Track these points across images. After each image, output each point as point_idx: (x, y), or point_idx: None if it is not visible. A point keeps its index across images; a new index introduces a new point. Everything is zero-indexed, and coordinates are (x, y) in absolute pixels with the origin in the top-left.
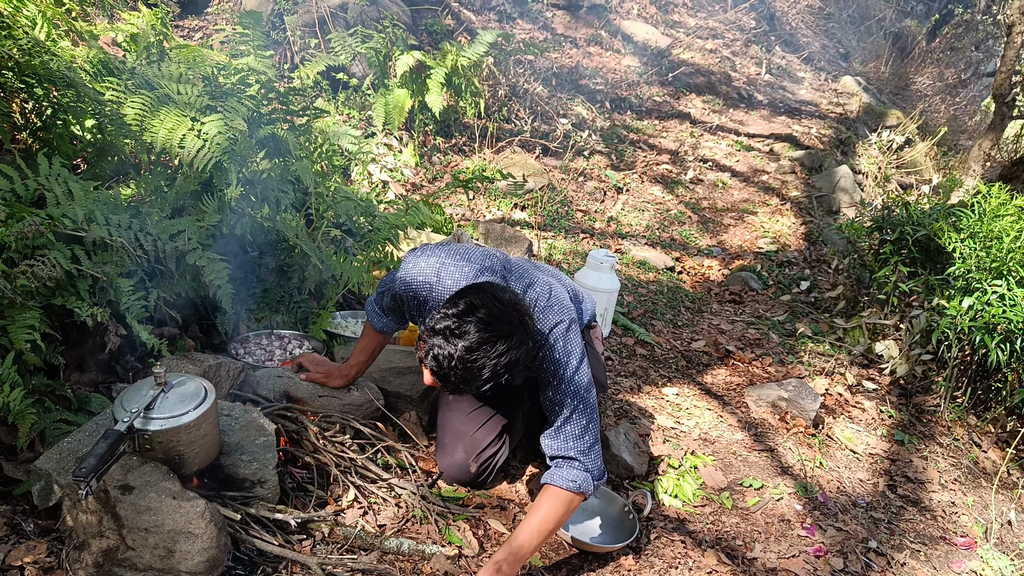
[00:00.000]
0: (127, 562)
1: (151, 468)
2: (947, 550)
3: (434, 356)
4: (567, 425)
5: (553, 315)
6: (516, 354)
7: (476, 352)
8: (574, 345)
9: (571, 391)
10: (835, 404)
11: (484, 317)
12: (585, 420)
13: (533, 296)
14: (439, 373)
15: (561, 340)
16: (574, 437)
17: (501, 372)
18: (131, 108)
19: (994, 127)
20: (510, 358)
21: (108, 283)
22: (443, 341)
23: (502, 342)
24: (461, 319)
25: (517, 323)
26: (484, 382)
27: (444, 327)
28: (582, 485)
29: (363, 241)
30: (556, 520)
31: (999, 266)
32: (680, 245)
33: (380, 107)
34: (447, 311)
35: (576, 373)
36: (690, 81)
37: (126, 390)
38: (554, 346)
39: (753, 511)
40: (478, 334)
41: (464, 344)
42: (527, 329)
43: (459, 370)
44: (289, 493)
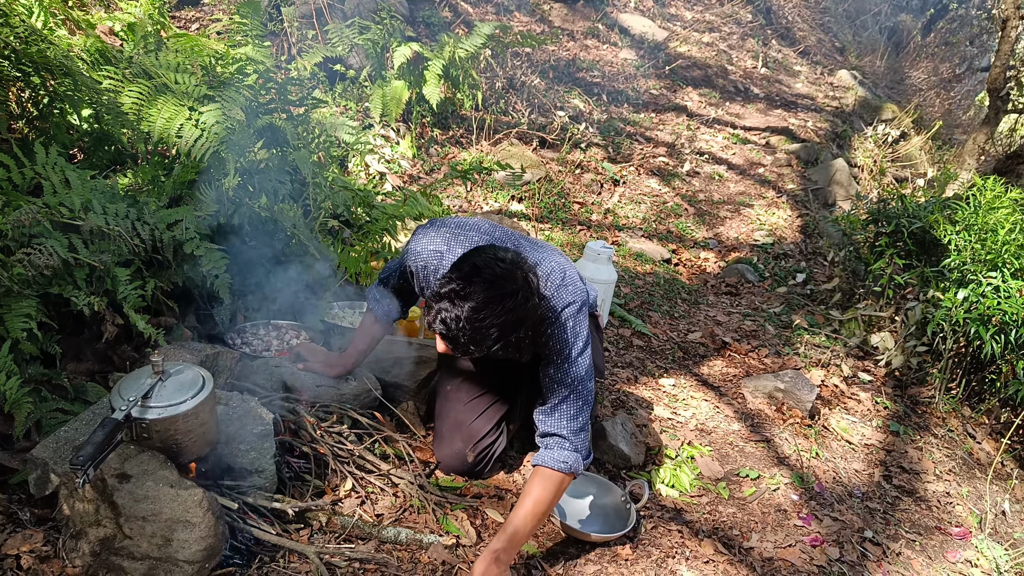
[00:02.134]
0: (124, 551)
1: (148, 457)
2: (942, 540)
3: (442, 320)
4: (563, 405)
5: (567, 295)
6: (522, 311)
7: (482, 312)
8: (582, 328)
9: (572, 373)
10: (831, 395)
11: (488, 277)
12: (580, 402)
13: (546, 271)
14: (448, 336)
15: (571, 321)
16: (568, 417)
17: (509, 330)
18: (128, 97)
19: (988, 121)
20: (516, 315)
21: (105, 272)
22: (449, 304)
23: (508, 300)
24: (466, 281)
25: (521, 281)
26: (494, 341)
27: (449, 290)
28: (572, 465)
29: (360, 232)
30: (549, 502)
31: (994, 258)
32: (677, 237)
33: (377, 98)
34: (451, 275)
35: (580, 356)
36: (687, 74)
37: (124, 379)
38: (564, 325)
39: (750, 501)
40: (483, 294)
41: (470, 305)
42: (531, 287)
43: (467, 331)
44: (287, 482)
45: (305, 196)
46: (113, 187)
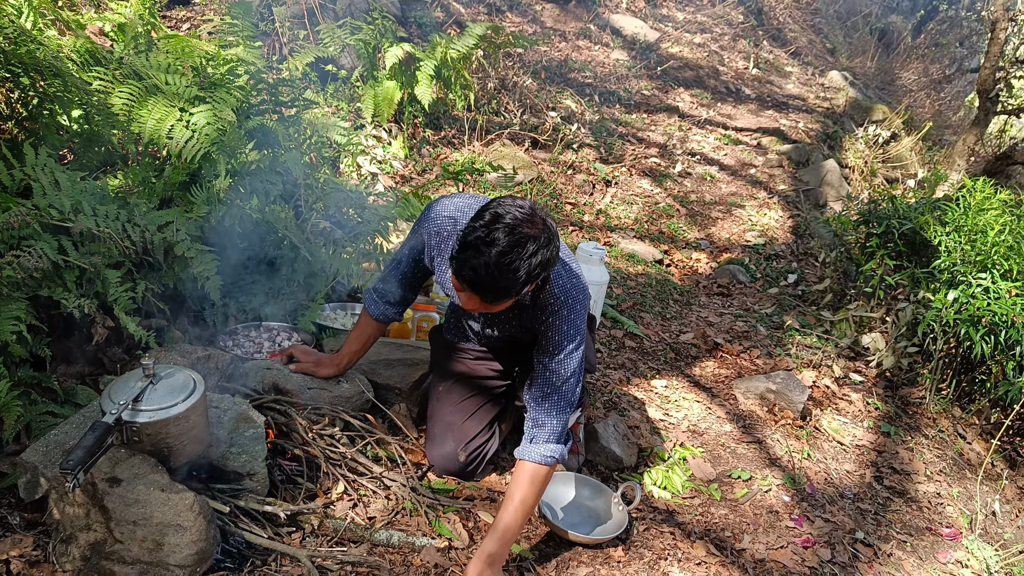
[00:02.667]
0: (115, 555)
1: (139, 460)
2: (933, 540)
3: (471, 267)
4: (555, 396)
5: (572, 288)
6: (546, 253)
7: (509, 255)
8: (583, 322)
9: (566, 366)
10: (822, 396)
11: (511, 223)
12: (571, 396)
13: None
14: (477, 283)
15: (573, 313)
16: (558, 409)
17: (535, 273)
18: (119, 98)
19: (978, 122)
20: (541, 257)
21: (95, 274)
22: (475, 252)
23: (531, 243)
24: (489, 228)
25: (541, 224)
26: (521, 285)
27: (475, 238)
28: (557, 457)
29: (352, 233)
30: (537, 495)
31: (984, 259)
32: (669, 238)
33: (369, 99)
34: (474, 224)
35: (577, 350)
36: (678, 75)
37: (114, 382)
38: (567, 317)
39: (742, 502)
40: (507, 238)
41: (497, 250)
42: (551, 230)
43: (496, 275)
44: (278, 485)
45: (296, 197)
46: (103, 188)
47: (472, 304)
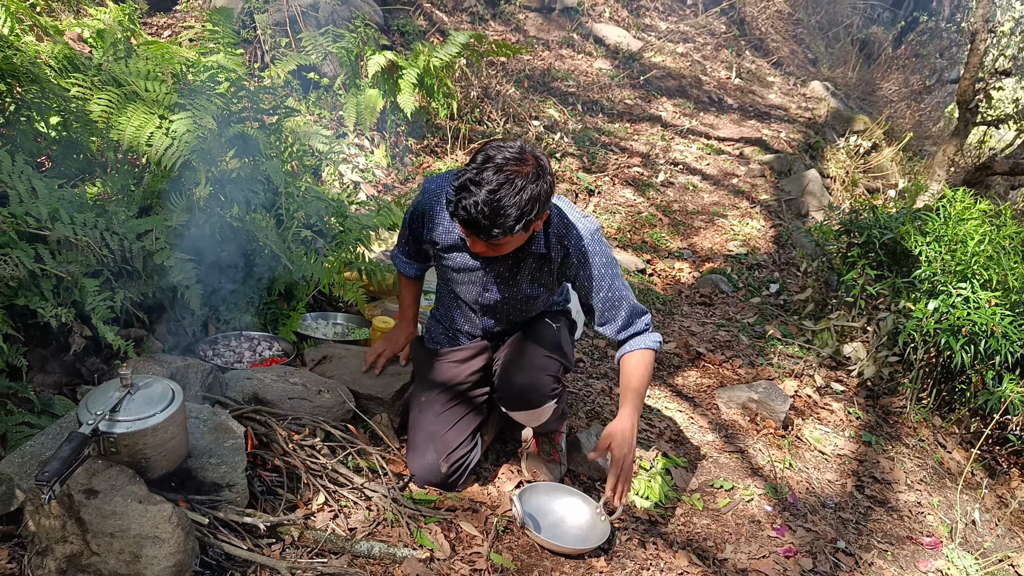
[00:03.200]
0: (91, 567)
1: (117, 472)
2: (913, 550)
3: (463, 207)
4: (622, 312)
5: (589, 222)
6: (535, 189)
7: (498, 192)
8: (608, 248)
9: (618, 286)
10: (804, 406)
11: (500, 162)
12: (633, 302)
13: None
14: (469, 221)
15: (602, 244)
16: (639, 314)
17: (527, 208)
18: (97, 105)
19: (958, 133)
20: (530, 193)
21: (73, 283)
22: (466, 193)
23: (520, 179)
24: (480, 168)
25: (532, 162)
26: (515, 221)
27: (466, 179)
28: (660, 343)
29: (334, 242)
30: (650, 375)
31: (963, 269)
32: (651, 248)
33: (351, 107)
34: (467, 166)
35: (617, 270)
36: (661, 84)
37: (91, 392)
38: (601, 251)
39: (724, 512)
40: (496, 176)
41: (487, 188)
42: (542, 166)
43: (487, 212)
44: (258, 496)
45: (278, 206)
46: (81, 196)
47: (479, 248)
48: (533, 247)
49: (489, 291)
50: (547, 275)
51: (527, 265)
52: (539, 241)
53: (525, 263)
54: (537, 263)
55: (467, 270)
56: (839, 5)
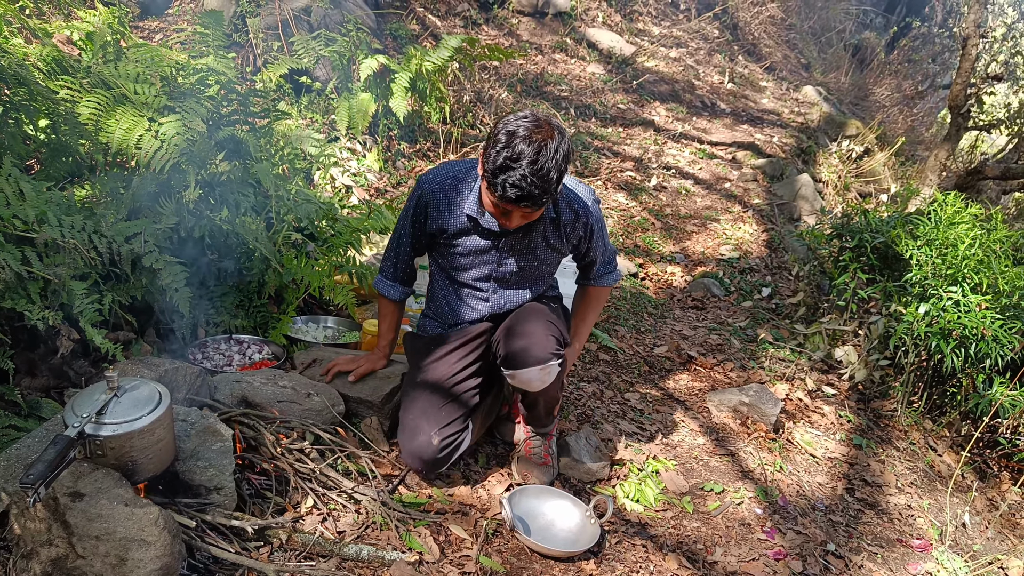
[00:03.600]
0: (77, 571)
1: (103, 475)
2: (903, 552)
3: (512, 184)
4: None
5: (588, 188)
6: (564, 146)
7: (539, 161)
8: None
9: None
10: (795, 409)
11: (525, 134)
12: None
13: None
14: (524, 196)
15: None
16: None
17: (564, 167)
18: (86, 107)
19: (950, 138)
20: (562, 152)
21: (60, 286)
22: (509, 171)
23: (550, 142)
24: (508, 145)
25: (547, 125)
26: (557, 182)
27: (503, 159)
28: (613, 281)
29: (325, 245)
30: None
31: (954, 273)
32: (644, 252)
33: (343, 111)
34: (496, 149)
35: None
36: (654, 89)
37: (77, 395)
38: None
39: (714, 515)
40: (530, 147)
41: (527, 160)
42: (558, 126)
43: (536, 182)
44: (247, 500)
45: (268, 209)
46: (70, 199)
47: (517, 220)
48: (546, 212)
49: (504, 265)
50: (558, 239)
51: (539, 232)
52: (549, 207)
53: (537, 230)
54: (549, 228)
55: (478, 252)
56: (832, 10)
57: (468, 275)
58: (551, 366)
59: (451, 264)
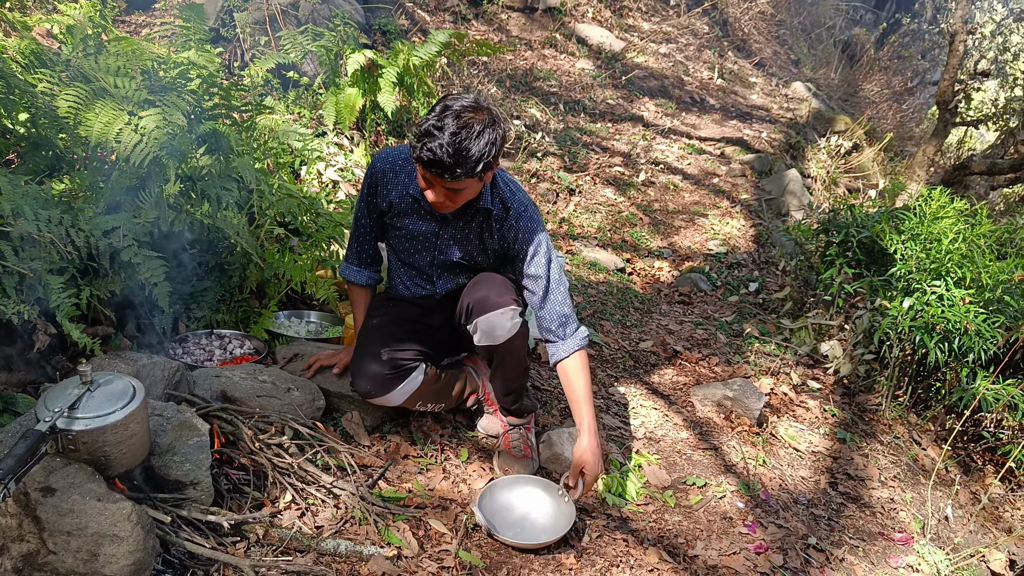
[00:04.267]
0: (48, 566)
1: (75, 469)
2: (885, 545)
3: (428, 149)
4: (552, 295)
5: (529, 201)
6: (492, 134)
7: (459, 135)
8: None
9: (549, 258)
10: (780, 403)
11: (458, 110)
12: (564, 288)
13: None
14: (435, 161)
15: (537, 219)
16: (561, 303)
17: (486, 151)
18: (65, 101)
19: (938, 133)
20: (488, 138)
21: (37, 280)
22: (429, 137)
23: (477, 125)
24: (440, 116)
25: (486, 111)
26: (475, 162)
27: (429, 126)
28: (588, 338)
29: (308, 240)
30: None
31: (938, 267)
32: (631, 246)
33: (331, 106)
34: (427, 115)
35: (551, 249)
36: (643, 84)
37: (50, 389)
38: (532, 217)
39: (696, 509)
40: (455, 122)
41: (449, 131)
42: (496, 115)
43: (451, 152)
44: (225, 495)
45: (251, 204)
46: (47, 193)
47: (439, 195)
48: (481, 202)
49: (445, 253)
50: (490, 233)
51: (477, 223)
52: (486, 197)
53: (475, 220)
54: (484, 220)
55: (421, 237)
56: (822, 7)
57: (416, 258)
58: (511, 310)
59: (399, 247)
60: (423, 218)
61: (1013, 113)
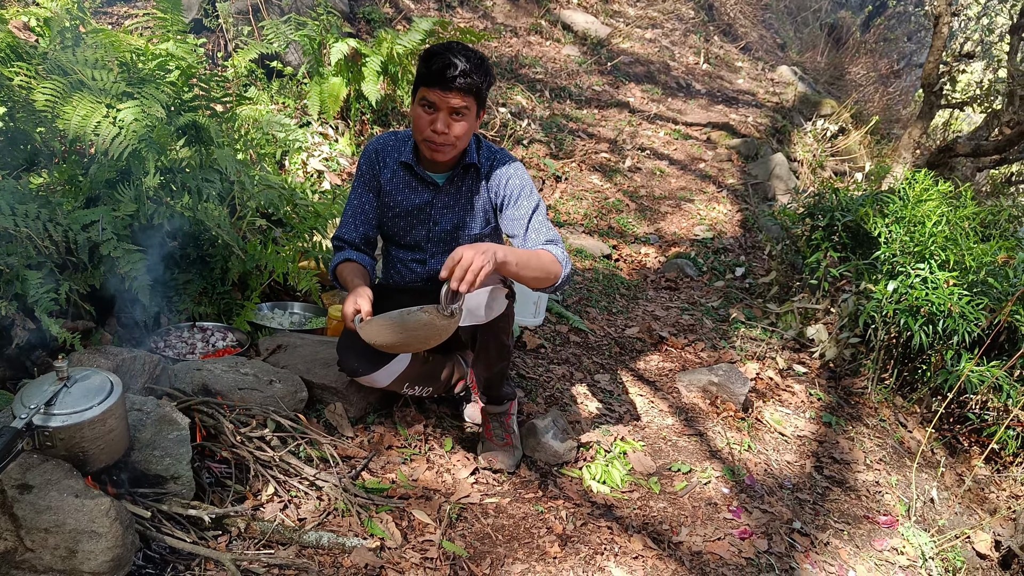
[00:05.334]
0: (26, 564)
1: (52, 466)
2: (870, 528)
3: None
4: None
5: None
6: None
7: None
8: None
9: (536, 199)
10: (765, 388)
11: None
12: (550, 222)
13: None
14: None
15: (521, 168)
16: (548, 229)
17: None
18: (42, 94)
19: (923, 116)
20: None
21: (14, 275)
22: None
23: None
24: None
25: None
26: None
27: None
28: (563, 262)
29: (291, 231)
30: (542, 262)
31: (922, 250)
32: (617, 233)
33: (315, 96)
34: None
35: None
36: (629, 70)
37: (27, 386)
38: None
39: (681, 495)
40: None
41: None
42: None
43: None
44: (206, 488)
45: (232, 195)
46: (24, 187)
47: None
48: (467, 159)
49: (439, 223)
50: (480, 190)
51: (467, 187)
52: (471, 153)
53: (465, 184)
54: (473, 179)
55: (414, 211)
56: None
57: (408, 238)
58: (498, 289)
59: (392, 228)
60: (415, 190)
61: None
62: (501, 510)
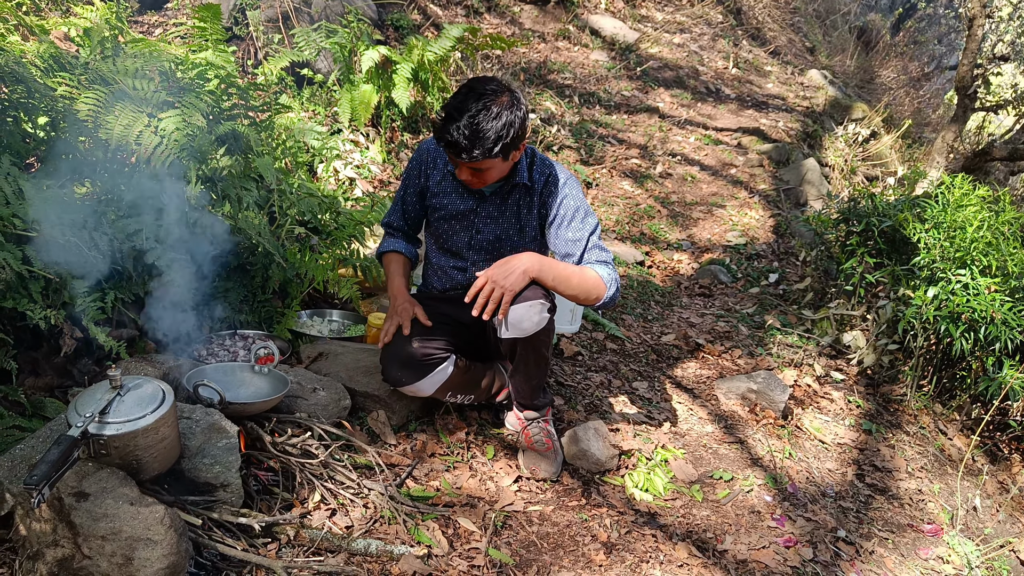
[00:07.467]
0: (83, 571)
1: (107, 474)
2: (914, 537)
3: (448, 131)
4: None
5: (571, 174)
6: (510, 116)
7: (476, 117)
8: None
9: (590, 223)
10: (804, 395)
11: (479, 92)
12: (602, 243)
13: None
14: (453, 143)
15: (577, 187)
16: (600, 250)
17: (503, 133)
18: (84, 104)
19: (957, 119)
20: (506, 119)
21: (62, 284)
22: (450, 120)
23: (496, 107)
24: (462, 99)
25: (507, 94)
26: (492, 143)
27: (450, 109)
28: (608, 284)
29: (329, 239)
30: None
31: (962, 255)
32: (650, 239)
33: (346, 103)
34: (451, 98)
35: (590, 212)
36: (658, 75)
37: (80, 394)
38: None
39: (723, 503)
40: (475, 105)
41: (468, 114)
42: (517, 98)
43: (467, 135)
44: (254, 496)
45: (271, 203)
46: (70, 197)
47: (464, 174)
48: (516, 178)
49: (482, 232)
50: (530, 207)
51: (513, 200)
52: (522, 173)
53: (512, 198)
54: (521, 195)
55: (458, 216)
56: None
57: (454, 240)
58: (540, 303)
59: (436, 231)
60: (461, 196)
61: None
62: (545, 518)
